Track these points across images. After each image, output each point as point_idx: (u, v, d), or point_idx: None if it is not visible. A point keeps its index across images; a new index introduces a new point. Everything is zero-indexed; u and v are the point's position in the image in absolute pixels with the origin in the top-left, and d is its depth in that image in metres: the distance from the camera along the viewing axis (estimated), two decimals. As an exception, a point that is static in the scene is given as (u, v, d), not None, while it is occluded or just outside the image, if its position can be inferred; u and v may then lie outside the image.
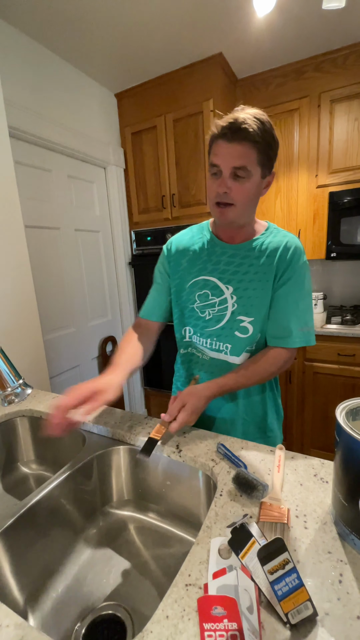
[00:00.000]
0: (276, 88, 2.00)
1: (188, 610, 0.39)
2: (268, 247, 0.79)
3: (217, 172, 0.70)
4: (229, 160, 0.68)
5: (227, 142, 0.67)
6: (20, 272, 1.20)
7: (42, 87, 1.66)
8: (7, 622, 0.39)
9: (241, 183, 0.70)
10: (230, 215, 0.74)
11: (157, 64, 1.89)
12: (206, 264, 0.84)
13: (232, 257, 0.82)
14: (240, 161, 0.68)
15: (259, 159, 0.69)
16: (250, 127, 0.65)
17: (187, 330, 0.91)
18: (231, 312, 0.82)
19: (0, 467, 0.92)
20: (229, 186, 0.70)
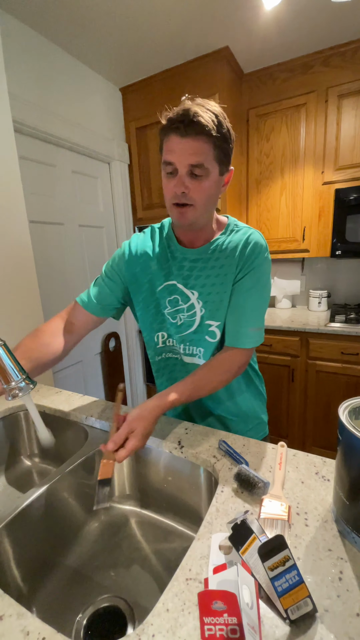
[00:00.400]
0: (283, 83, 1.97)
1: (188, 604, 0.40)
2: (228, 247, 0.76)
3: (173, 171, 0.65)
4: (184, 157, 0.63)
5: (180, 137, 0.61)
6: (23, 268, 1.20)
7: (46, 81, 1.66)
8: (10, 612, 0.39)
9: (200, 181, 0.65)
10: (189, 216, 0.69)
11: (162, 57, 1.87)
12: (171, 268, 0.80)
13: (194, 262, 0.78)
14: (197, 158, 0.62)
15: (216, 154, 0.64)
16: (204, 118, 0.60)
17: (160, 336, 0.86)
18: (200, 317, 0.79)
19: (3, 461, 0.93)
20: (186, 185, 0.65)
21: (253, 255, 0.74)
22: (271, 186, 2.02)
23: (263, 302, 0.78)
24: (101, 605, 0.61)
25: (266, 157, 2.01)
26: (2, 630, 0.37)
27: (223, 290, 0.77)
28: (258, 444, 0.72)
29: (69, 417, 0.91)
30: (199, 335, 0.81)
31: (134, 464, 0.80)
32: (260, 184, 2.05)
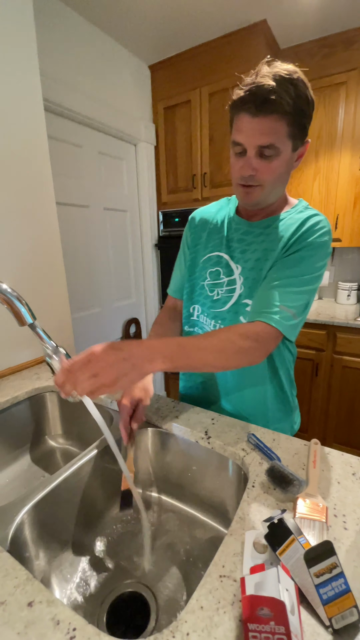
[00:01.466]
0: (322, 59, 1.85)
1: (223, 602, 0.38)
2: (285, 224, 0.69)
3: (242, 152, 0.62)
4: (254, 138, 0.58)
5: (250, 116, 0.56)
6: (51, 250, 1.20)
7: (75, 57, 1.61)
8: (40, 599, 0.39)
9: (269, 162, 0.60)
10: (255, 196, 0.66)
11: (195, 32, 1.78)
12: (222, 239, 0.78)
13: (245, 234, 0.74)
14: (268, 138, 0.57)
15: (289, 131, 0.58)
16: (280, 95, 0.54)
17: (195, 309, 0.84)
18: (238, 295, 0.75)
19: (28, 440, 0.95)
20: (254, 167, 0.61)
21: (307, 234, 0.66)
22: (304, 170, 1.92)
23: (305, 285, 0.66)
24: (124, 591, 0.61)
25: (300, 140, 1.90)
26: (32, 618, 0.37)
27: (266, 268, 0.70)
28: (289, 440, 0.69)
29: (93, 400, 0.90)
30: (231, 314, 0.76)
31: (158, 450, 0.79)
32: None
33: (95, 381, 0.44)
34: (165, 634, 0.35)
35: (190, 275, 0.85)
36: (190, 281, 0.85)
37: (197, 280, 0.83)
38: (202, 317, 0.83)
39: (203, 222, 0.83)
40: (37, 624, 0.36)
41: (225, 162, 1.93)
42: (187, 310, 0.86)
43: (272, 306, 0.64)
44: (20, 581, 0.41)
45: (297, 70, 0.57)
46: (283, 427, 0.86)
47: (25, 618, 0.37)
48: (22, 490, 0.81)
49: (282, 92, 0.54)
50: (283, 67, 0.56)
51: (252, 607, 0.30)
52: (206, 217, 0.83)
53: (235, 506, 0.67)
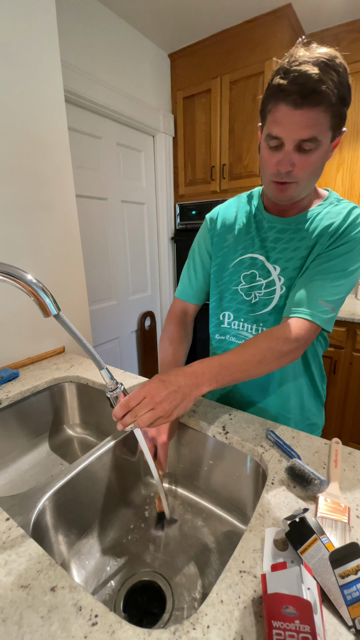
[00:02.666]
0: (349, 45, 1.77)
1: (243, 597, 0.38)
2: (324, 219, 0.66)
3: (278, 145, 0.57)
4: (295, 131, 0.53)
5: (292, 107, 0.51)
6: (70, 242, 1.20)
7: (94, 46, 1.60)
8: (63, 584, 0.39)
9: (308, 156, 0.56)
10: (290, 192, 0.62)
11: (217, 18, 1.73)
12: (254, 239, 0.73)
13: (281, 232, 0.70)
14: (310, 131, 0.53)
15: (331, 123, 0.54)
16: (327, 85, 0.49)
17: (225, 316, 0.81)
18: (280, 296, 0.71)
19: (47, 428, 0.97)
20: (292, 162, 0.57)
21: (350, 228, 0.64)
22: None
23: (345, 279, 0.64)
24: (140, 579, 0.62)
25: (323, 130, 1.84)
26: (55, 602, 0.37)
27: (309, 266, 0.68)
28: (309, 438, 0.68)
29: (111, 392, 0.91)
30: (274, 316, 0.73)
31: (176, 443, 0.79)
32: (315, 160, 1.90)
33: (153, 414, 0.49)
34: (185, 626, 0.35)
35: (217, 282, 0.80)
36: (219, 287, 0.80)
37: (227, 286, 0.78)
38: (236, 323, 0.79)
39: (226, 223, 0.78)
40: (60, 609, 0.37)
41: (245, 154, 1.88)
42: (217, 318, 0.83)
43: (312, 301, 0.62)
44: (44, 566, 0.42)
45: (338, 54, 0.52)
46: (318, 422, 0.85)
47: (49, 602, 0.38)
48: (42, 477, 0.83)
49: (328, 80, 0.49)
50: (323, 51, 0.52)
51: (277, 605, 0.30)
52: (228, 218, 0.78)
53: (253, 502, 0.67)
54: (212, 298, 0.83)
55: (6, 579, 0.41)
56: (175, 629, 0.35)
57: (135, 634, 0.35)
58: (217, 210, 0.81)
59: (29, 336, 1.08)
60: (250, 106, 1.80)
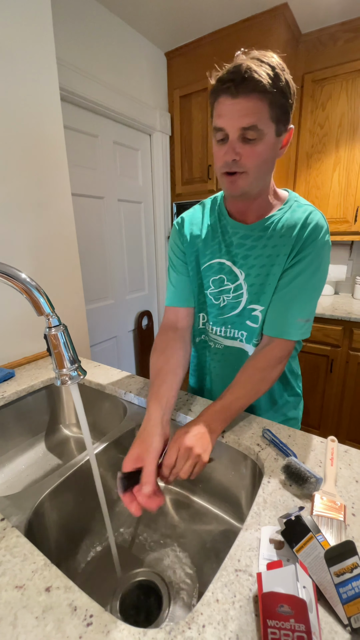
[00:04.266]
0: (345, 44, 1.77)
1: (239, 597, 0.38)
2: (284, 225, 0.67)
3: (224, 138, 0.59)
4: (236, 119, 0.56)
5: (231, 97, 0.55)
6: (66, 241, 1.20)
7: (91, 44, 1.59)
8: (58, 584, 0.39)
9: (252, 146, 0.58)
10: (241, 184, 0.62)
11: (213, 16, 1.73)
12: (221, 244, 0.74)
13: (244, 238, 0.71)
14: (250, 119, 0.55)
15: (272, 113, 0.56)
16: (258, 73, 0.52)
17: (201, 317, 0.83)
18: (245, 300, 0.74)
19: (44, 428, 0.96)
20: (238, 152, 0.58)
21: (311, 237, 0.66)
22: (323, 161, 1.86)
23: (317, 291, 0.69)
24: (137, 579, 0.62)
25: (320, 128, 1.84)
26: (50, 603, 0.37)
27: (272, 273, 0.69)
28: (305, 436, 0.68)
29: (107, 391, 0.91)
30: (242, 318, 0.77)
31: (171, 443, 0.79)
32: (312, 158, 1.90)
33: (192, 463, 0.55)
34: (181, 625, 0.35)
35: (193, 284, 0.80)
36: (198, 288, 0.80)
37: (200, 289, 0.80)
38: (208, 325, 0.82)
39: (193, 229, 0.78)
40: (54, 609, 0.37)
41: (242, 152, 1.88)
42: (197, 319, 0.84)
43: (290, 321, 0.69)
44: (38, 566, 0.42)
45: (275, 55, 0.57)
46: (296, 416, 0.88)
47: (43, 603, 0.37)
48: (38, 477, 0.82)
49: (260, 71, 0.53)
50: (260, 52, 0.56)
51: (272, 603, 0.29)
52: (195, 223, 0.78)
53: (249, 501, 0.67)
54: (195, 299, 0.83)
55: (0, 579, 0.40)
56: (171, 628, 0.35)
57: (131, 634, 0.35)
58: (183, 216, 0.81)
59: (24, 335, 1.07)
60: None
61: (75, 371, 0.49)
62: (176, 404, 0.80)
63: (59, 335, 0.47)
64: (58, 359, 0.48)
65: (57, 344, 0.47)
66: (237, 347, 0.80)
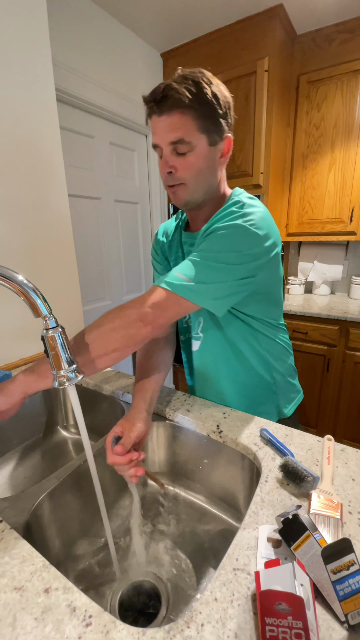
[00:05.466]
0: (340, 45, 1.78)
1: (237, 595, 0.38)
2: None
3: (160, 154, 0.63)
4: (164, 135, 0.60)
5: (157, 115, 0.59)
6: (63, 242, 1.20)
7: (87, 46, 1.59)
8: (56, 585, 0.39)
9: (184, 158, 0.61)
10: (181, 195, 0.65)
11: (209, 18, 1.73)
12: (178, 253, 0.80)
13: (192, 246, 0.74)
14: (175, 134, 0.58)
15: (199, 125, 0.59)
16: (176, 91, 0.56)
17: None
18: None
19: (42, 430, 0.96)
20: (171, 165, 0.62)
21: (228, 214, 0.62)
22: (319, 161, 1.87)
23: (210, 261, 0.60)
24: (135, 579, 0.62)
25: (315, 129, 1.85)
26: (48, 604, 0.37)
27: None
28: (302, 435, 0.68)
29: (105, 392, 0.91)
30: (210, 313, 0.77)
31: (170, 443, 0.79)
32: (307, 159, 1.91)
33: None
34: (179, 624, 0.35)
35: None
36: None
37: None
38: (189, 321, 0.85)
39: (167, 239, 0.84)
40: (53, 610, 0.37)
41: (238, 153, 1.89)
42: (182, 318, 0.86)
43: (169, 274, 0.61)
44: (37, 567, 0.42)
45: (203, 70, 0.60)
46: (267, 409, 0.83)
47: (42, 604, 0.38)
48: (35, 479, 0.82)
49: (180, 88, 0.56)
50: (187, 70, 0.60)
51: (270, 601, 0.30)
52: (166, 233, 0.84)
53: (247, 500, 0.68)
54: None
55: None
56: (170, 627, 0.35)
57: (130, 634, 0.35)
58: (161, 226, 0.87)
59: (21, 337, 1.07)
60: (242, 106, 1.80)
61: (73, 372, 0.49)
62: (174, 404, 0.80)
63: (57, 336, 0.47)
64: (55, 361, 0.48)
65: (55, 346, 0.47)
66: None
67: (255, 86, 1.74)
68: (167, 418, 0.78)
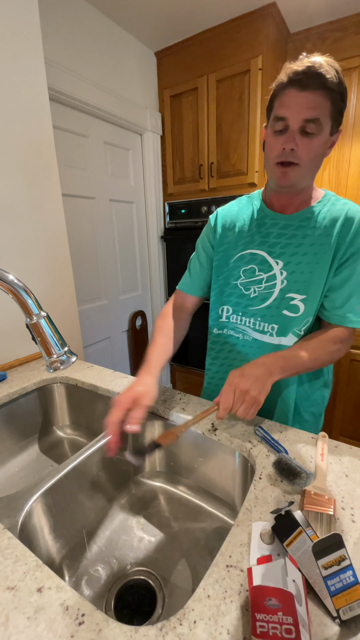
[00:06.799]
0: (334, 43, 1.79)
1: (230, 592, 0.38)
2: (326, 217, 0.70)
3: (284, 128, 0.61)
4: (300, 111, 0.59)
5: (299, 90, 0.58)
6: (57, 242, 1.19)
7: (80, 44, 1.58)
8: (49, 584, 0.39)
9: (310, 139, 0.61)
10: (293, 176, 0.65)
11: (202, 16, 1.73)
12: (254, 236, 0.77)
13: (284, 228, 0.74)
14: (314, 112, 0.59)
15: (332, 111, 0.60)
16: (328, 73, 0.56)
17: (224, 310, 0.85)
18: (280, 290, 0.75)
19: (37, 430, 0.96)
20: (296, 142, 0.61)
21: (359, 229, 0.68)
22: (313, 160, 1.88)
23: None
24: (131, 577, 0.62)
25: (310, 128, 1.85)
26: (41, 603, 0.37)
27: (315, 262, 0.71)
28: (296, 433, 0.68)
29: (100, 392, 0.91)
30: (273, 310, 0.77)
31: (165, 442, 0.79)
32: (301, 158, 1.91)
33: (248, 406, 0.60)
34: (172, 622, 0.35)
35: (218, 276, 0.83)
36: (219, 281, 0.84)
37: (227, 280, 0.82)
38: (235, 317, 0.83)
39: (228, 222, 0.82)
40: (46, 610, 0.37)
41: (233, 152, 1.89)
42: (216, 312, 0.86)
43: (352, 309, 0.71)
44: (30, 567, 0.42)
45: (335, 61, 0.61)
46: (323, 394, 0.88)
47: (35, 603, 0.37)
48: (31, 479, 0.82)
49: (329, 70, 0.57)
50: (324, 56, 0.60)
51: (260, 597, 0.30)
52: (230, 217, 0.82)
53: (242, 497, 0.68)
54: (213, 292, 0.86)
55: (-8, 581, 0.40)
56: (162, 625, 0.35)
57: (122, 632, 0.35)
58: (218, 211, 0.85)
59: (16, 337, 1.06)
60: (236, 104, 1.80)
61: (65, 355, 0.49)
62: (170, 403, 0.80)
63: (41, 322, 0.46)
64: (45, 347, 0.47)
65: (41, 332, 0.47)
66: (266, 341, 0.80)
67: (249, 85, 1.74)
68: (162, 416, 0.79)
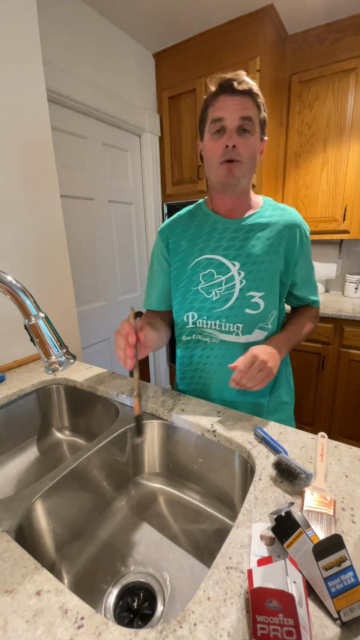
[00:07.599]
0: (331, 45, 1.79)
1: (230, 594, 0.38)
2: (271, 221, 0.78)
3: (221, 129, 0.68)
4: (236, 111, 0.66)
5: (231, 94, 0.66)
6: (56, 243, 1.19)
7: (78, 46, 1.58)
8: (48, 588, 0.39)
9: (247, 138, 0.69)
10: (237, 172, 0.71)
11: (201, 18, 1.73)
12: (208, 242, 0.80)
13: (236, 232, 0.78)
14: (248, 111, 0.67)
15: (259, 117, 0.70)
16: (251, 83, 0.67)
17: (189, 316, 0.85)
18: (239, 290, 0.78)
19: (36, 432, 0.95)
20: (236, 140, 0.68)
21: (305, 234, 0.81)
22: (311, 160, 1.88)
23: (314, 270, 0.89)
24: (131, 580, 0.62)
25: (308, 129, 1.86)
26: (40, 606, 0.37)
27: (269, 260, 0.77)
28: (295, 433, 0.68)
29: (99, 393, 0.90)
30: (235, 310, 0.80)
31: (164, 443, 0.79)
32: (300, 158, 1.92)
33: (263, 374, 0.67)
34: (172, 624, 0.35)
35: (178, 285, 0.84)
36: (179, 290, 0.85)
37: (188, 287, 0.83)
38: (200, 321, 0.84)
39: (177, 233, 0.84)
40: (45, 613, 0.36)
41: (231, 153, 1.89)
42: (182, 320, 0.86)
43: (313, 294, 0.89)
44: (29, 570, 0.41)
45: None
46: (291, 398, 0.95)
47: (34, 607, 0.37)
48: (30, 481, 0.82)
49: (251, 81, 0.68)
50: (244, 74, 0.70)
51: (261, 599, 0.30)
52: (179, 228, 0.84)
53: (242, 498, 0.68)
54: (175, 301, 0.87)
55: (-10, 585, 0.40)
56: (162, 627, 0.35)
57: (122, 635, 0.34)
58: (166, 222, 0.88)
59: (14, 339, 1.06)
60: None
61: (64, 356, 0.49)
62: (170, 404, 0.80)
63: (40, 323, 0.46)
64: (43, 348, 0.47)
65: (40, 333, 0.46)
66: (234, 341, 0.82)
67: (247, 86, 1.74)
68: (161, 418, 0.78)
